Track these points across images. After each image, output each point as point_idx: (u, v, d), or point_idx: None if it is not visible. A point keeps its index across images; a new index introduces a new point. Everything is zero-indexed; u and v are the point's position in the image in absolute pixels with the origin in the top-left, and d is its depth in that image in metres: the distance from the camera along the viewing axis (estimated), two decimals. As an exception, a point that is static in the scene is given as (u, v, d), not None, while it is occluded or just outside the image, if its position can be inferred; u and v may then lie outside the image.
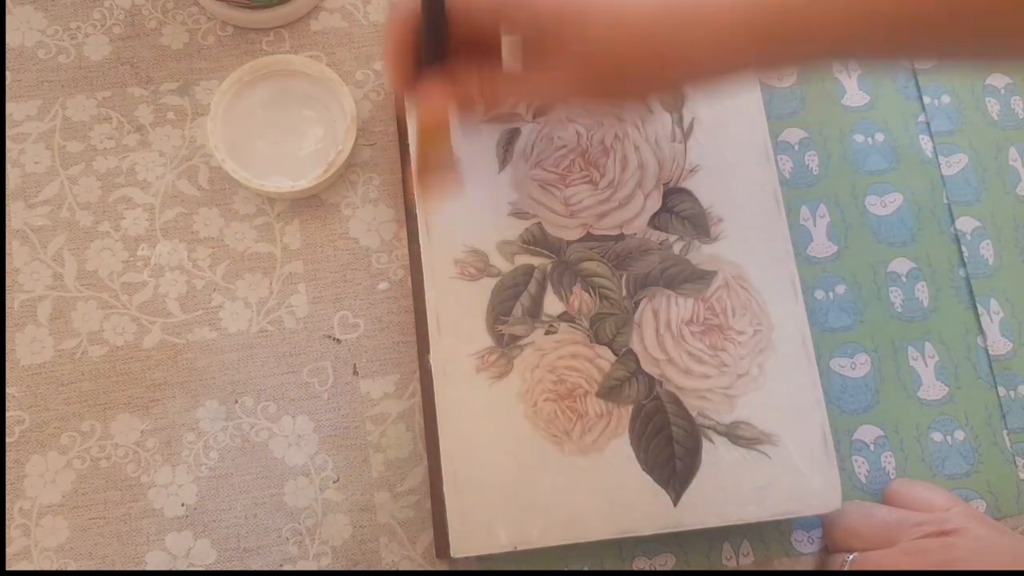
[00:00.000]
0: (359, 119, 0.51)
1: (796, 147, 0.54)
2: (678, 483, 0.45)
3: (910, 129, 0.54)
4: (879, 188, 0.53)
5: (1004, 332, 0.51)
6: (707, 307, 0.47)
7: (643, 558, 0.48)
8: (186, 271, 0.50)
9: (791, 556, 0.48)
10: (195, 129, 0.52)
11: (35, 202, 0.50)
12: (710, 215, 0.48)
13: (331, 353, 0.49)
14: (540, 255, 0.47)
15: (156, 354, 0.49)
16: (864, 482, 0.49)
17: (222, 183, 0.51)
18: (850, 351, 0.51)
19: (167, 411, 0.48)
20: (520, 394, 0.45)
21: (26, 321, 0.49)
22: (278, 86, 0.51)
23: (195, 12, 0.53)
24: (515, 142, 0.49)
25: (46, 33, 0.53)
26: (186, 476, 0.47)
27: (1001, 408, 0.51)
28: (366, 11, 0.54)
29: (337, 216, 0.51)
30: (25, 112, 0.51)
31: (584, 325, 0.46)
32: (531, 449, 0.44)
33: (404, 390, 0.49)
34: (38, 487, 0.47)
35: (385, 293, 0.50)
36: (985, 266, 0.52)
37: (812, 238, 0.52)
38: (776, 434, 0.45)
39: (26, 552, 0.46)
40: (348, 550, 0.47)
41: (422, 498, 0.48)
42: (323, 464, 0.48)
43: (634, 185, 0.48)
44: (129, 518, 0.47)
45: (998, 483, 0.50)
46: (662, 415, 0.45)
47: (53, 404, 0.48)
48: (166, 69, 0.52)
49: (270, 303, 0.50)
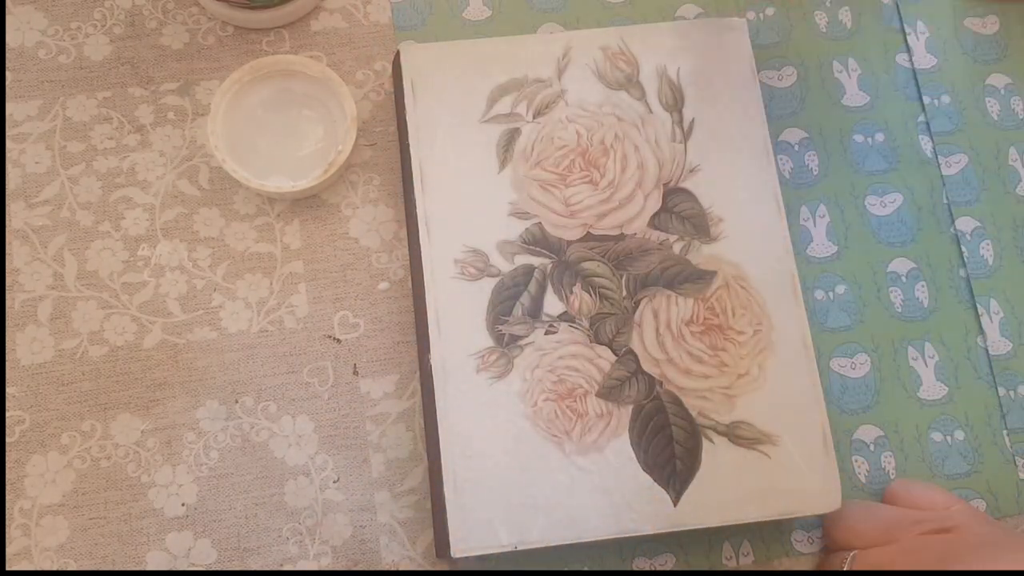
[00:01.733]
0: (359, 119, 0.51)
1: (796, 147, 0.54)
2: (678, 483, 0.45)
3: (910, 129, 0.54)
4: (879, 188, 0.53)
5: (1004, 332, 0.51)
6: (707, 307, 0.47)
7: (643, 558, 0.48)
8: (186, 271, 0.50)
9: (791, 556, 0.48)
10: (195, 129, 0.52)
11: (35, 202, 0.50)
12: (710, 215, 0.48)
13: (331, 353, 0.49)
14: (540, 255, 0.47)
15: (156, 354, 0.49)
16: (864, 482, 0.49)
17: (222, 183, 0.51)
18: (850, 351, 0.51)
19: (167, 411, 0.48)
20: (520, 394, 0.45)
21: (26, 321, 0.49)
22: (278, 86, 0.51)
23: (195, 12, 0.53)
24: (515, 142, 0.49)
25: (46, 33, 0.53)
26: (186, 476, 0.47)
27: (1001, 408, 0.51)
28: (366, 11, 0.54)
29: (337, 216, 0.51)
30: (25, 112, 0.51)
31: (584, 325, 0.46)
32: (531, 449, 0.44)
33: (404, 390, 0.49)
34: (38, 487, 0.47)
35: (385, 293, 0.50)
36: (985, 266, 0.52)
37: (812, 238, 0.52)
38: (776, 434, 0.45)
39: (26, 552, 0.46)
40: (348, 550, 0.47)
41: (422, 498, 0.48)
42: (323, 464, 0.48)
43: (634, 185, 0.48)
44: (129, 518, 0.47)
45: (998, 483, 0.50)
46: (662, 415, 0.45)
47: (53, 404, 0.48)
48: (166, 69, 0.52)
49: (270, 303, 0.50)
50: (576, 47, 0.50)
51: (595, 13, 0.55)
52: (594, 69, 0.50)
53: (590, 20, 0.55)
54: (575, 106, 0.49)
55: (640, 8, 0.55)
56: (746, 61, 0.51)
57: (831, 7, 0.56)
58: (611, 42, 0.50)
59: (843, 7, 0.56)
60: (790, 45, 0.55)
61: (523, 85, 0.49)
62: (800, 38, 0.55)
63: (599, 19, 0.55)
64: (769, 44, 0.55)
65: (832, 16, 0.56)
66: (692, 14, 0.55)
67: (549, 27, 0.55)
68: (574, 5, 0.55)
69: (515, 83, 0.49)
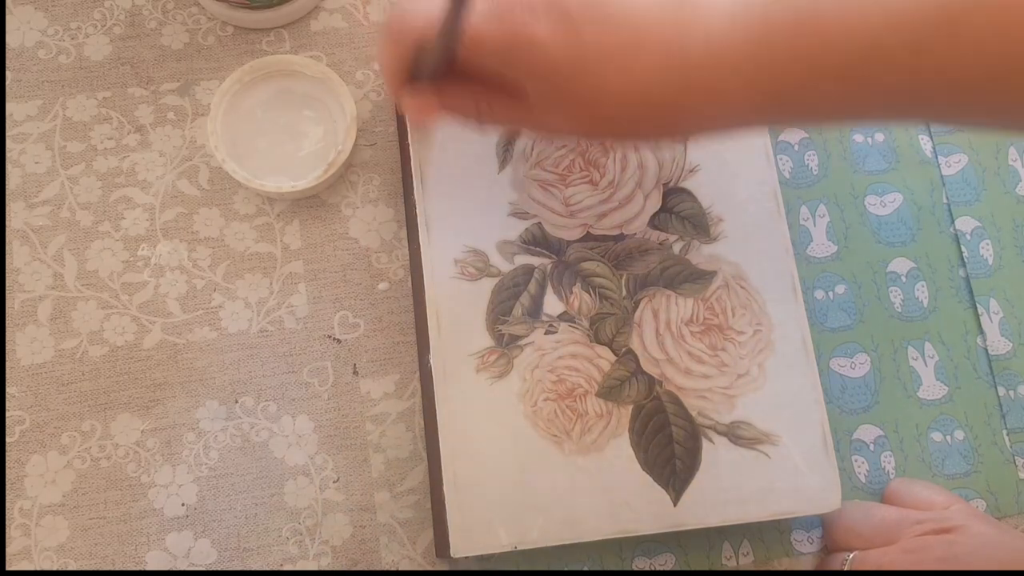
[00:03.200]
0: (359, 119, 0.51)
1: (796, 147, 0.54)
2: (678, 483, 0.45)
3: (909, 129, 0.54)
4: (879, 188, 0.53)
5: (1004, 332, 0.51)
6: (707, 307, 0.47)
7: (643, 558, 0.48)
8: (186, 271, 0.50)
9: (791, 556, 0.48)
10: (195, 129, 0.52)
11: (35, 202, 0.50)
12: (710, 215, 0.48)
13: (331, 353, 0.49)
14: (540, 255, 0.47)
15: (156, 354, 0.49)
16: (864, 482, 0.49)
17: (222, 183, 0.51)
18: (850, 351, 0.51)
19: (167, 411, 0.48)
20: (520, 394, 0.45)
21: (26, 321, 0.49)
22: (278, 86, 0.51)
23: (195, 12, 0.53)
24: (515, 142, 0.49)
25: (46, 33, 0.53)
26: (186, 476, 0.47)
27: (1001, 408, 0.51)
28: (366, 11, 0.54)
29: (337, 216, 0.51)
30: (25, 112, 0.51)
31: (584, 325, 0.46)
32: (531, 449, 0.44)
33: (404, 390, 0.49)
34: (38, 487, 0.47)
35: (385, 293, 0.50)
36: (985, 266, 0.52)
37: (812, 238, 0.52)
38: (776, 434, 0.45)
39: (26, 552, 0.46)
40: (348, 550, 0.47)
41: (422, 498, 0.48)
42: (323, 464, 0.48)
43: (634, 185, 0.48)
44: (129, 518, 0.47)
45: (998, 483, 0.50)
46: (662, 415, 0.45)
47: (53, 404, 0.48)
48: (166, 69, 0.52)
49: (270, 303, 0.50)
50: (576, 47, 0.50)
51: (595, 13, 0.55)
52: (594, 69, 0.50)
53: (590, 20, 0.55)
54: (575, 106, 0.49)
55: (640, 8, 0.55)
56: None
57: (831, 7, 0.56)
58: (611, 42, 0.50)
59: (843, 7, 0.56)
60: (790, 45, 0.55)
61: (523, 85, 0.49)
62: (800, 38, 0.55)
63: (599, 19, 0.55)
64: (769, 44, 0.55)
65: (832, 16, 0.56)
66: (692, 14, 0.55)
67: (549, 27, 0.54)
68: (574, 5, 0.55)
69: (515, 83, 0.49)
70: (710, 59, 0.34)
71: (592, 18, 0.35)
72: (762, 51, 0.34)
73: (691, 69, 0.35)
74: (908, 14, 0.31)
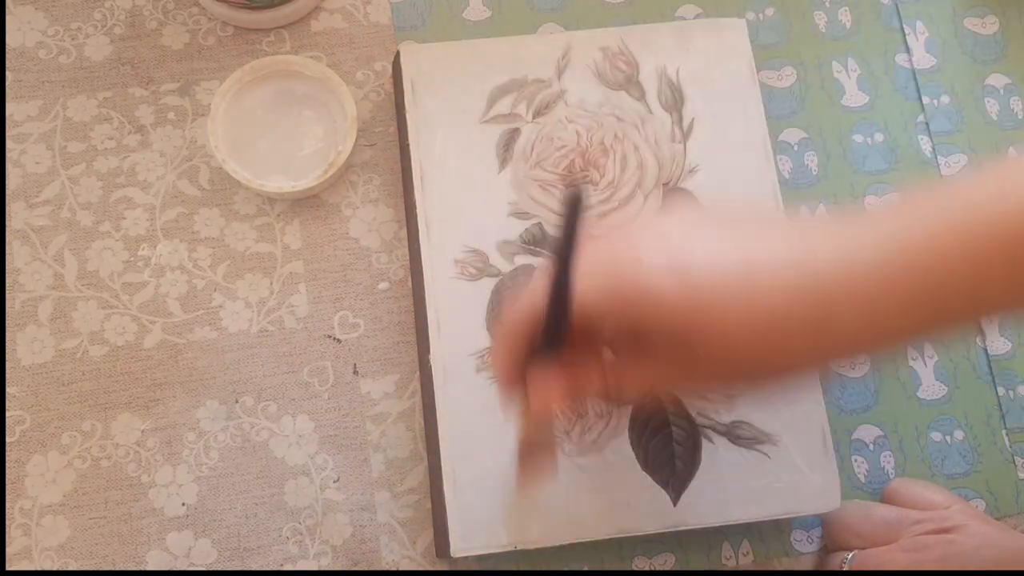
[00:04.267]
0: (359, 119, 0.51)
1: (796, 147, 0.54)
2: (678, 483, 0.45)
3: (909, 129, 0.54)
4: (878, 188, 0.53)
5: (1004, 332, 0.51)
6: (707, 307, 0.47)
7: (643, 557, 0.48)
8: (187, 271, 0.50)
9: (791, 556, 0.48)
10: (195, 129, 0.52)
11: (36, 202, 0.50)
12: (710, 215, 0.48)
13: (331, 353, 0.49)
14: (540, 255, 0.47)
15: (157, 354, 0.49)
16: (863, 482, 0.49)
17: (222, 183, 0.51)
18: (850, 351, 0.51)
19: (168, 411, 0.48)
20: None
21: (27, 321, 0.49)
22: (278, 86, 0.51)
23: (196, 12, 0.53)
24: (515, 142, 0.49)
25: (47, 33, 0.53)
26: (187, 476, 0.47)
27: (1000, 408, 0.51)
28: (366, 11, 0.54)
29: (337, 216, 0.51)
30: (26, 112, 0.51)
31: (584, 325, 0.46)
32: (531, 449, 0.44)
33: (404, 390, 0.49)
34: (39, 487, 0.47)
35: (385, 293, 0.50)
36: (984, 266, 0.52)
37: (812, 238, 0.52)
38: (776, 434, 0.45)
39: (27, 552, 0.46)
40: (348, 550, 0.47)
41: (422, 498, 0.48)
42: (323, 464, 0.48)
43: (634, 185, 0.48)
44: (130, 518, 0.47)
45: (997, 483, 0.50)
46: (662, 415, 0.45)
47: (54, 404, 0.48)
48: (167, 69, 0.52)
49: (270, 303, 0.50)
50: (576, 47, 0.50)
51: (595, 14, 0.55)
52: (594, 69, 0.50)
53: (590, 20, 0.55)
54: (575, 106, 0.49)
55: (640, 8, 0.55)
56: (745, 61, 0.51)
57: (830, 7, 0.56)
58: (611, 42, 0.50)
59: (842, 7, 0.56)
60: (789, 45, 0.55)
61: (523, 85, 0.50)
62: (799, 38, 0.55)
63: (599, 19, 0.55)
64: (768, 44, 0.55)
65: (832, 16, 0.56)
66: (692, 14, 0.55)
67: (549, 27, 0.55)
68: (574, 5, 0.55)
69: (515, 83, 0.49)
70: (836, 279, 0.32)
71: (694, 262, 0.33)
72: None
73: (816, 279, 0.33)
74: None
